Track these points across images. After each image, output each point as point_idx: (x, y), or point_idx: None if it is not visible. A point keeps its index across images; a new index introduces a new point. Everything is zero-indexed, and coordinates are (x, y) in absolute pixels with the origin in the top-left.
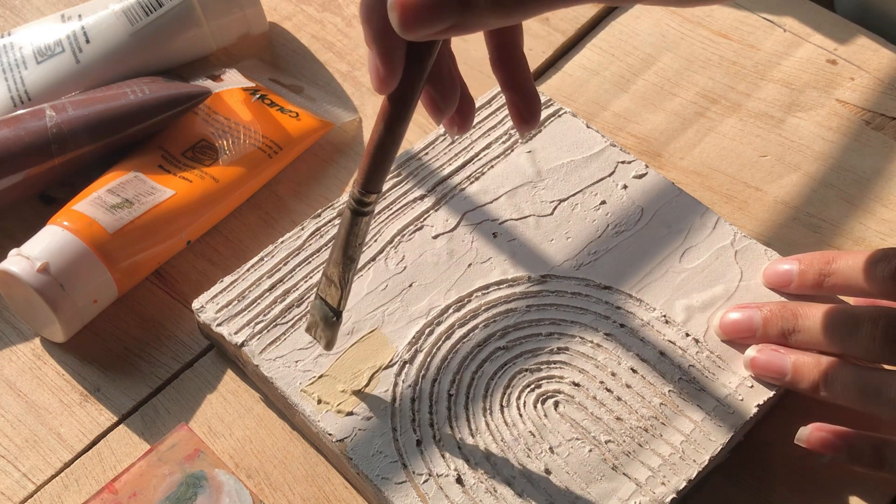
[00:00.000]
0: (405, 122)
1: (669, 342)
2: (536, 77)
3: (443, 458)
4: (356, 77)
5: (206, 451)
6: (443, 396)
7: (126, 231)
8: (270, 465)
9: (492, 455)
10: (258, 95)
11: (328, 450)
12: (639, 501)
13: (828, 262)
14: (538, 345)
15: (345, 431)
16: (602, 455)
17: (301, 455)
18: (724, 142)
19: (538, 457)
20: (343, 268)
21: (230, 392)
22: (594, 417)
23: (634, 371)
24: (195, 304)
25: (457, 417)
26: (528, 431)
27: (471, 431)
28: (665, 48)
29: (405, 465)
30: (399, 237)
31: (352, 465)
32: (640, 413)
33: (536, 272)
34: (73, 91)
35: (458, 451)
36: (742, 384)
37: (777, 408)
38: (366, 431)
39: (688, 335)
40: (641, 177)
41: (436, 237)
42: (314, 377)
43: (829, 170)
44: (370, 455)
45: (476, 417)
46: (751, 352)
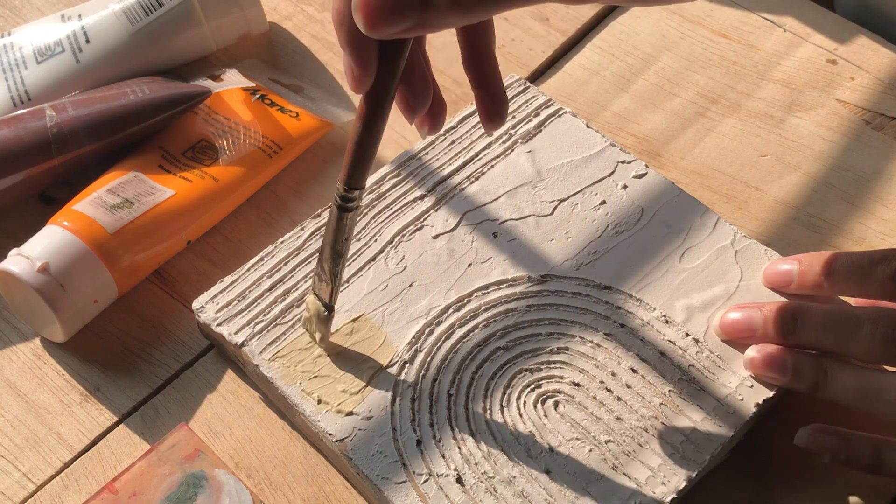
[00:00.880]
0: (382, 120)
1: (669, 342)
2: (536, 77)
3: (443, 458)
4: None
5: (207, 451)
6: (443, 396)
7: (126, 231)
8: (270, 465)
9: (492, 455)
10: (258, 95)
11: (328, 450)
12: (639, 501)
13: (828, 263)
14: (538, 345)
15: (345, 431)
16: (602, 455)
17: (301, 455)
18: (725, 142)
19: (538, 457)
20: (332, 262)
21: (230, 392)
22: (594, 417)
23: (634, 371)
24: (195, 304)
25: (457, 417)
26: (529, 431)
27: (471, 431)
28: (665, 48)
29: (405, 465)
30: (399, 237)
31: (352, 465)
32: (641, 413)
33: (536, 272)
34: (74, 91)
35: (458, 451)
36: (742, 384)
37: (777, 408)
38: (366, 431)
39: (688, 335)
40: (641, 177)
41: (436, 237)
42: (314, 377)
43: (830, 170)
44: (370, 455)
45: (476, 417)
46: (750, 352)
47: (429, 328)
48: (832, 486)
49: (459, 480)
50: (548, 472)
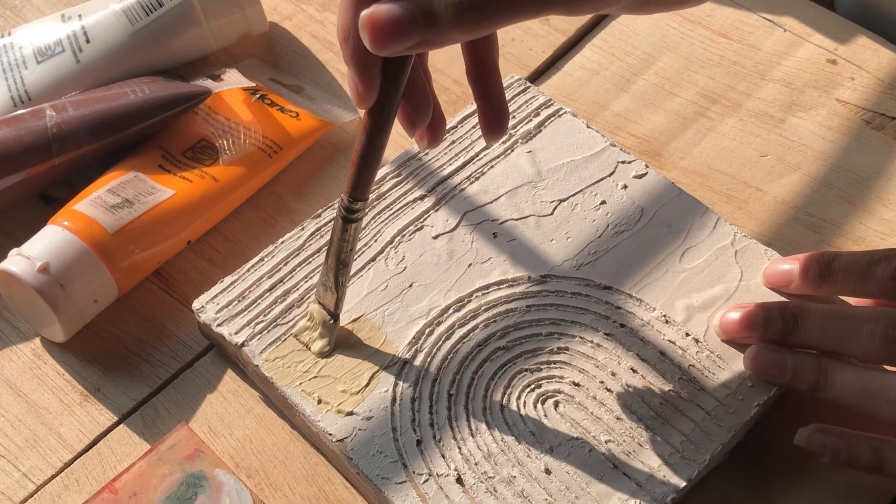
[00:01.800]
0: (385, 134)
1: (669, 342)
2: (537, 77)
3: (443, 458)
4: None
5: (207, 451)
6: (443, 396)
7: (126, 231)
8: (271, 465)
9: (492, 455)
10: (258, 95)
11: (328, 450)
12: (639, 501)
13: (828, 263)
14: (538, 345)
15: (345, 431)
16: (602, 455)
17: (301, 455)
18: (725, 142)
19: (538, 456)
20: (336, 272)
21: (230, 392)
22: (594, 417)
23: (634, 371)
24: (195, 305)
25: (457, 417)
26: (529, 431)
27: (471, 431)
28: (665, 48)
29: (405, 465)
30: (399, 237)
31: (352, 465)
32: (641, 413)
33: (536, 272)
34: (74, 91)
35: (459, 451)
36: (742, 384)
37: (777, 407)
38: (366, 431)
39: (688, 335)
40: (641, 177)
41: (436, 237)
42: (314, 377)
43: (830, 169)
44: (370, 455)
45: (476, 417)
46: (750, 352)
47: (429, 328)
48: (832, 486)
49: (459, 480)
50: (548, 472)
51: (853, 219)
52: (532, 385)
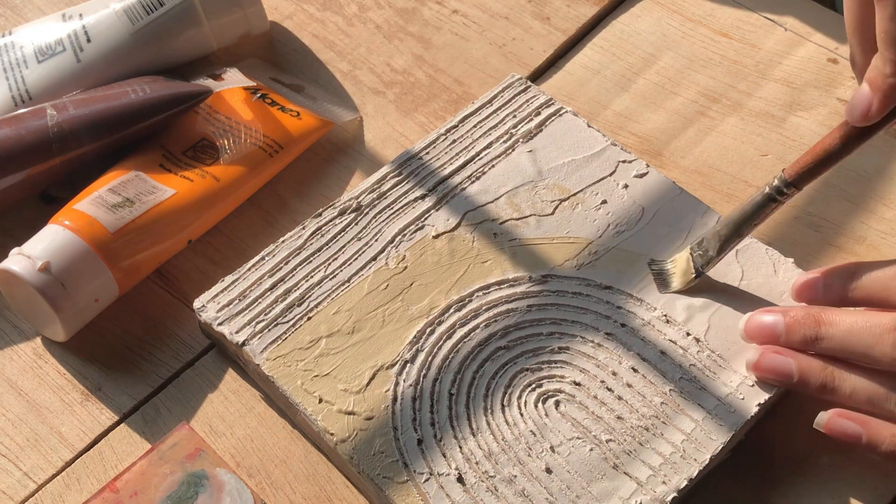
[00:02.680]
0: (861, 143)
1: (670, 341)
2: (537, 76)
3: (444, 458)
4: (357, 76)
5: (208, 450)
6: (444, 396)
7: (127, 230)
8: (272, 465)
9: (493, 454)
10: (259, 94)
11: (329, 449)
12: (640, 500)
13: (851, 275)
14: (539, 344)
15: (346, 431)
16: (603, 454)
17: (302, 454)
18: (726, 141)
19: (539, 456)
20: (727, 240)
21: (231, 391)
22: (595, 416)
23: (635, 370)
24: (196, 304)
25: (458, 417)
26: (529, 430)
27: (472, 431)
28: (666, 47)
29: (406, 465)
30: (400, 237)
31: (353, 465)
32: (641, 412)
33: (537, 272)
34: (74, 90)
35: (460, 451)
36: (743, 383)
37: (778, 407)
38: (367, 431)
39: (689, 335)
40: (642, 176)
41: (437, 237)
42: (315, 376)
43: (830, 169)
44: (371, 454)
45: (477, 417)
46: (754, 354)
47: (430, 328)
48: (832, 486)
49: (460, 480)
50: (549, 472)
51: (854, 218)
52: (533, 384)
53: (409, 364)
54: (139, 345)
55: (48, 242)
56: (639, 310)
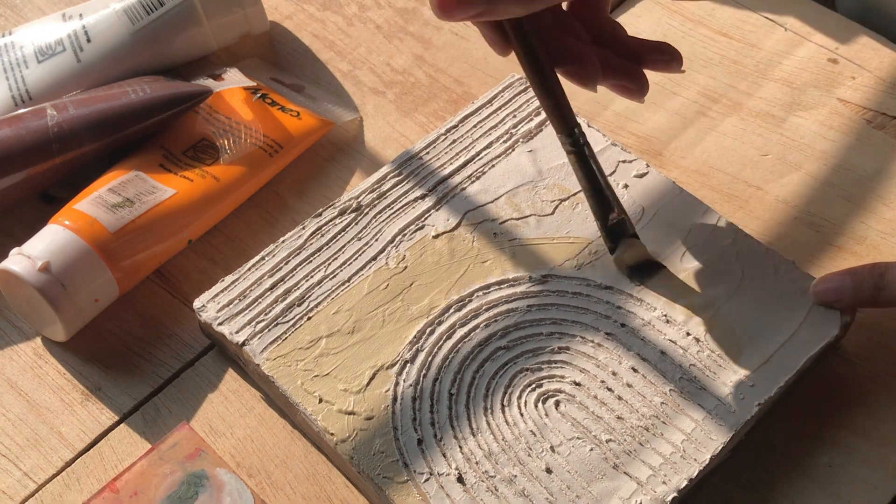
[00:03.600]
0: (545, 74)
1: (670, 341)
2: None
3: (444, 458)
4: (357, 76)
5: (208, 451)
6: (444, 395)
7: (127, 230)
8: (272, 465)
9: (493, 454)
10: (259, 94)
11: (329, 449)
12: (640, 500)
13: (881, 275)
14: (539, 344)
15: (346, 431)
16: (603, 454)
17: (302, 454)
18: (726, 141)
19: (539, 456)
20: (593, 199)
21: (231, 391)
22: (595, 416)
23: (635, 370)
24: (196, 304)
25: (458, 417)
26: (530, 430)
27: (472, 431)
28: None
29: (406, 465)
30: (400, 236)
31: (353, 465)
32: (642, 412)
33: (537, 272)
34: (75, 90)
35: (460, 451)
36: (743, 383)
37: (778, 407)
38: (367, 431)
39: (689, 334)
40: (642, 176)
41: (437, 237)
42: (315, 376)
43: (831, 169)
44: (371, 454)
45: (477, 417)
46: (816, 285)
47: (430, 328)
48: (832, 486)
49: (460, 479)
50: (549, 472)
51: (854, 218)
52: (533, 384)
53: (409, 364)
54: (139, 345)
55: (48, 242)
56: (639, 310)
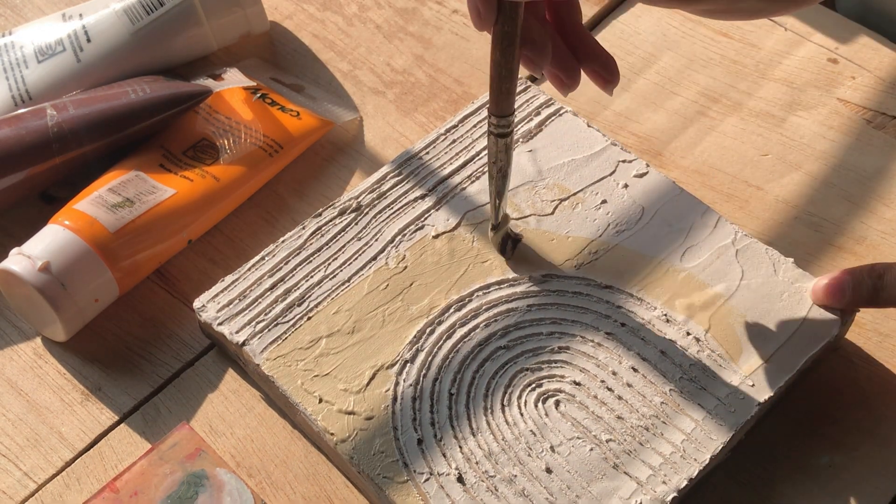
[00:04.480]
0: (512, 53)
1: (670, 341)
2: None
3: (444, 457)
4: (357, 76)
5: (208, 450)
6: (444, 395)
7: (127, 230)
8: (272, 465)
9: (493, 454)
10: (259, 94)
11: (329, 449)
12: (640, 500)
13: (879, 276)
14: (539, 344)
15: (346, 431)
16: (603, 454)
17: (302, 454)
18: (726, 141)
19: (539, 456)
20: (496, 182)
21: (231, 391)
22: (595, 416)
23: (635, 370)
24: (196, 304)
25: (458, 416)
26: (530, 430)
27: (472, 430)
28: (666, 47)
29: (406, 465)
30: (400, 236)
31: (353, 465)
32: (642, 412)
33: (537, 272)
34: (75, 90)
35: (460, 450)
36: (743, 383)
37: (778, 406)
38: (367, 431)
39: (689, 334)
40: (642, 176)
41: (437, 237)
42: (315, 376)
43: (831, 169)
44: (371, 454)
45: (477, 416)
46: (819, 281)
47: (430, 327)
48: (832, 486)
49: (460, 479)
50: (549, 471)
51: (854, 218)
52: (533, 384)
53: (409, 364)
54: (139, 345)
55: (48, 242)
56: (639, 309)
